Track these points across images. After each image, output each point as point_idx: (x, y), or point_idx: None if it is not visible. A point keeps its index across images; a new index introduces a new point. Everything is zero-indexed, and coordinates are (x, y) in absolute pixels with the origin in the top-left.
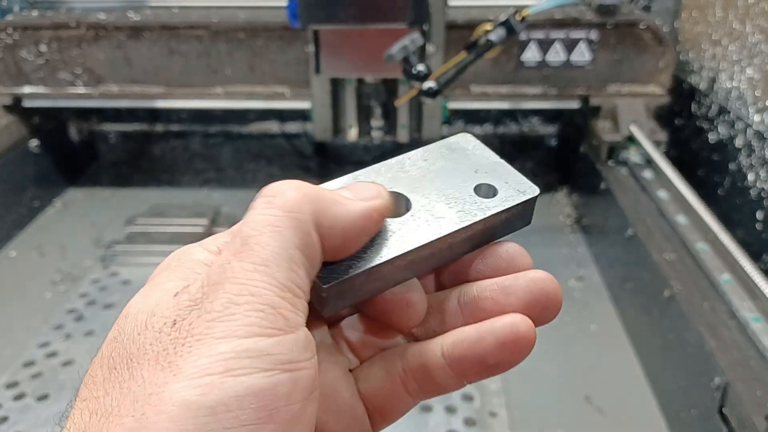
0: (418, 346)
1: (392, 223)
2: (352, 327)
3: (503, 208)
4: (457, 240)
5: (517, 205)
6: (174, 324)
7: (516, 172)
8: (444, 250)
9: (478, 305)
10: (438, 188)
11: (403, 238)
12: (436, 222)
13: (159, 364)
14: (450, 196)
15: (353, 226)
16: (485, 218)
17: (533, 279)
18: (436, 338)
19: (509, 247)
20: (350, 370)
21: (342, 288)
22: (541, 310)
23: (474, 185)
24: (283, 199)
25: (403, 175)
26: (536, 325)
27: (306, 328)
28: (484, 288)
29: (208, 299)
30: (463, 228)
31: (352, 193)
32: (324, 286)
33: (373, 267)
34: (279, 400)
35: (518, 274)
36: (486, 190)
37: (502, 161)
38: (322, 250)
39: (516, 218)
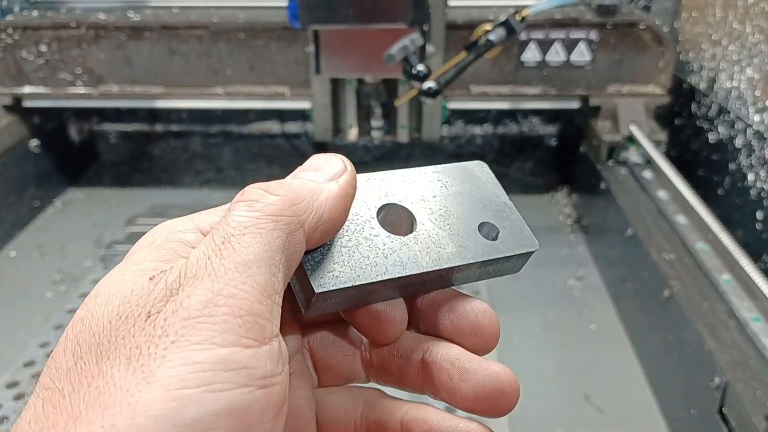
0: (383, 404)
1: (394, 240)
2: (322, 344)
3: (502, 256)
4: (450, 274)
5: (516, 255)
6: (148, 317)
7: (521, 219)
8: (435, 280)
9: (437, 375)
10: (445, 214)
11: (402, 260)
12: (436, 252)
13: (131, 365)
14: (454, 228)
15: (334, 211)
16: (483, 261)
17: (490, 375)
18: (401, 405)
19: (477, 309)
20: None
21: (332, 295)
22: (491, 407)
23: (479, 222)
24: (263, 203)
25: (416, 192)
26: (489, 417)
27: (280, 337)
28: (447, 360)
29: (185, 292)
30: (460, 265)
31: (319, 173)
32: (317, 292)
33: (368, 283)
34: (254, 418)
35: (480, 362)
36: (489, 231)
37: (511, 204)
38: (306, 243)
39: (509, 266)
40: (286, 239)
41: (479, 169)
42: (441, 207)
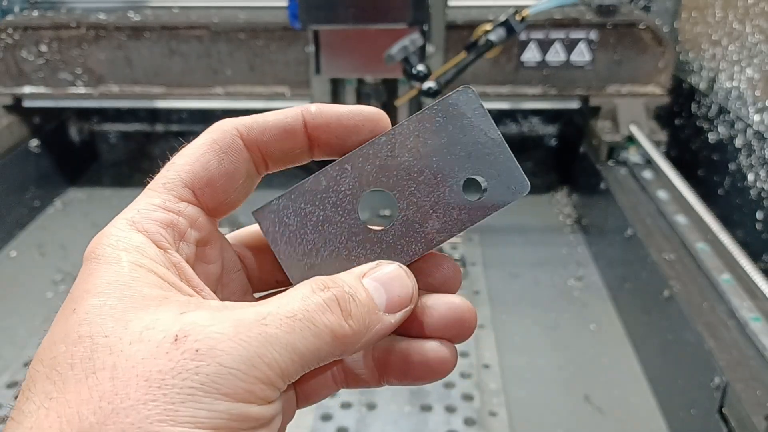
0: None
1: (376, 233)
2: None
3: (487, 215)
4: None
5: (506, 205)
6: (176, 340)
7: (511, 158)
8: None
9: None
10: (426, 183)
11: (384, 251)
12: (418, 235)
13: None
14: (437, 198)
15: (374, 339)
16: (475, 221)
17: (452, 307)
18: None
19: (446, 268)
20: None
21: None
22: (457, 333)
23: (464, 179)
24: (334, 330)
25: (392, 163)
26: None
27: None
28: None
29: (211, 353)
30: (443, 239)
31: (384, 292)
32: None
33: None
34: None
35: (439, 297)
36: (475, 188)
37: (500, 139)
38: None
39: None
40: (323, 358)
41: (464, 99)
42: (422, 174)
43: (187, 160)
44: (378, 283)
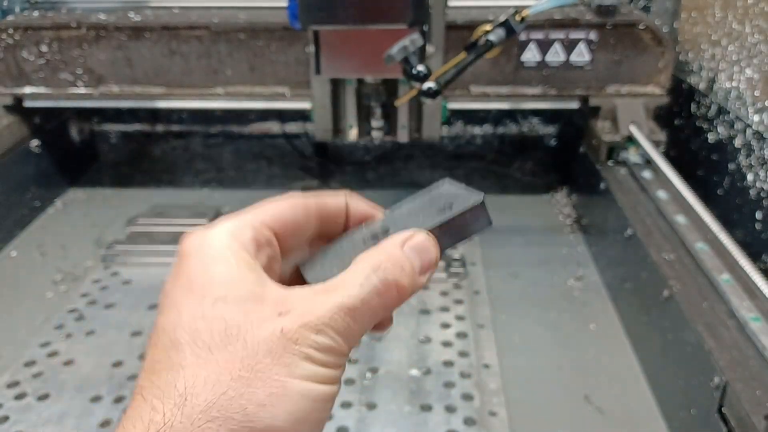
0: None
1: (373, 244)
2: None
3: (455, 215)
4: None
5: (467, 210)
6: (282, 331)
7: (471, 189)
8: None
9: None
10: (412, 216)
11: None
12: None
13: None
14: (418, 221)
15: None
16: (440, 224)
17: None
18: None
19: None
20: None
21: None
22: None
23: (438, 207)
24: (397, 296)
25: (390, 217)
26: None
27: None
28: None
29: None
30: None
31: (419, 259)
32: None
33: None
34: None
35: None
36: (444, 207)
37: (467, 191)
38: None
39: (473, 221)
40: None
41: (444, 185)
42: (411, 214)
43: (270, 205)
44: (415, 251)
